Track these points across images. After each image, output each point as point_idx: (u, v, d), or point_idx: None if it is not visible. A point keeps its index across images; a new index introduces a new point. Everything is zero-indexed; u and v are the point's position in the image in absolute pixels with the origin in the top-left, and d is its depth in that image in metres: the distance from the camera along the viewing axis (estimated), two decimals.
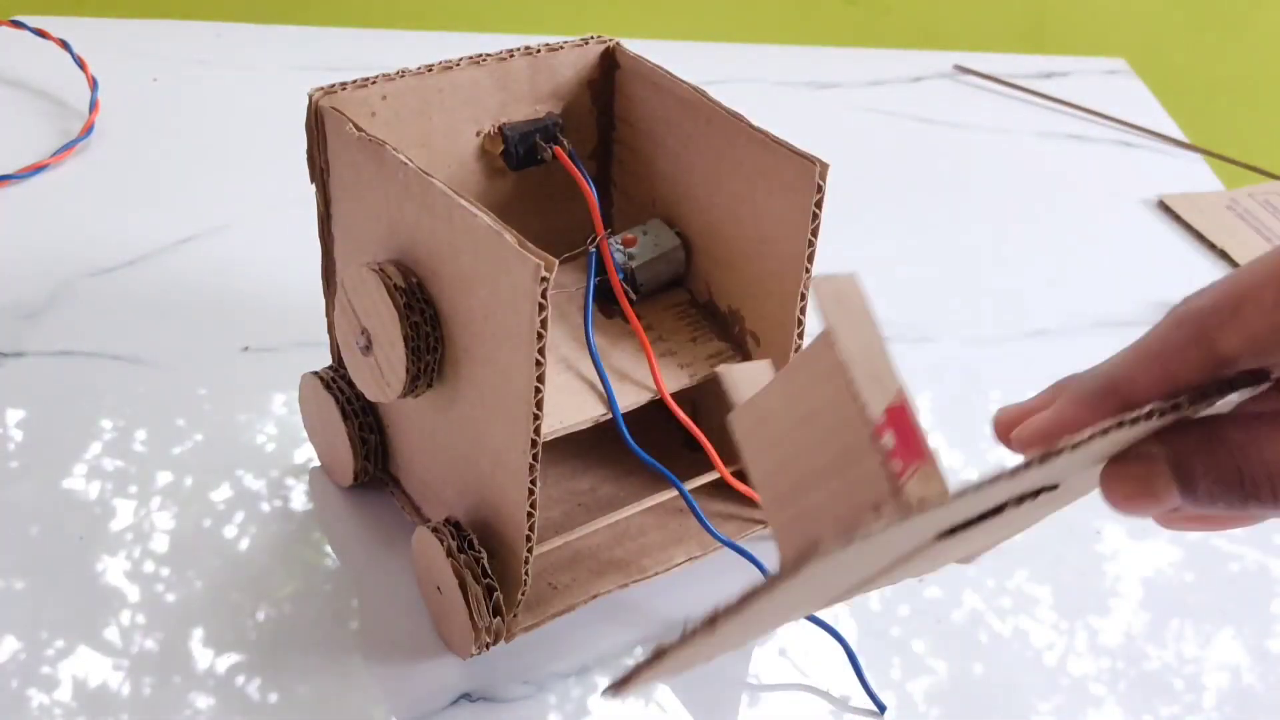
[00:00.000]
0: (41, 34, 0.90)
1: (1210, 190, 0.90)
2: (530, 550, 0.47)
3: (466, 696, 0.50)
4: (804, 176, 0.47)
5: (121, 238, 0.75)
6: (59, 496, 0.58)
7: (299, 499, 0.58)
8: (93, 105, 0.86)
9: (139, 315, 0.70)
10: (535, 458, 0.45)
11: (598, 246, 0.53)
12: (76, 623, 0.52)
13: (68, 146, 0.83)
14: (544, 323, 0.42)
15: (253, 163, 0.84)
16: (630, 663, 0.52)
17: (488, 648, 0.49)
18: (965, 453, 0.64)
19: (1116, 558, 0.59)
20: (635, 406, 0.51)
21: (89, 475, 0.59)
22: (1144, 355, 0.32)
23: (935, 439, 0.50)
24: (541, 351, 0.42)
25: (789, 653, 0.53)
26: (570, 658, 0.52)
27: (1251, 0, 1.27)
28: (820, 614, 0.53)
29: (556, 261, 0.41)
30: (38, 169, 0.81)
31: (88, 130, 0.84)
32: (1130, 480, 0.31)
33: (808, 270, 0.49)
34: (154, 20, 1.02)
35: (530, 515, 0.46)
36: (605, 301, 0.54)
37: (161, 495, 0.58)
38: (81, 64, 0.89)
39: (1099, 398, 0.33)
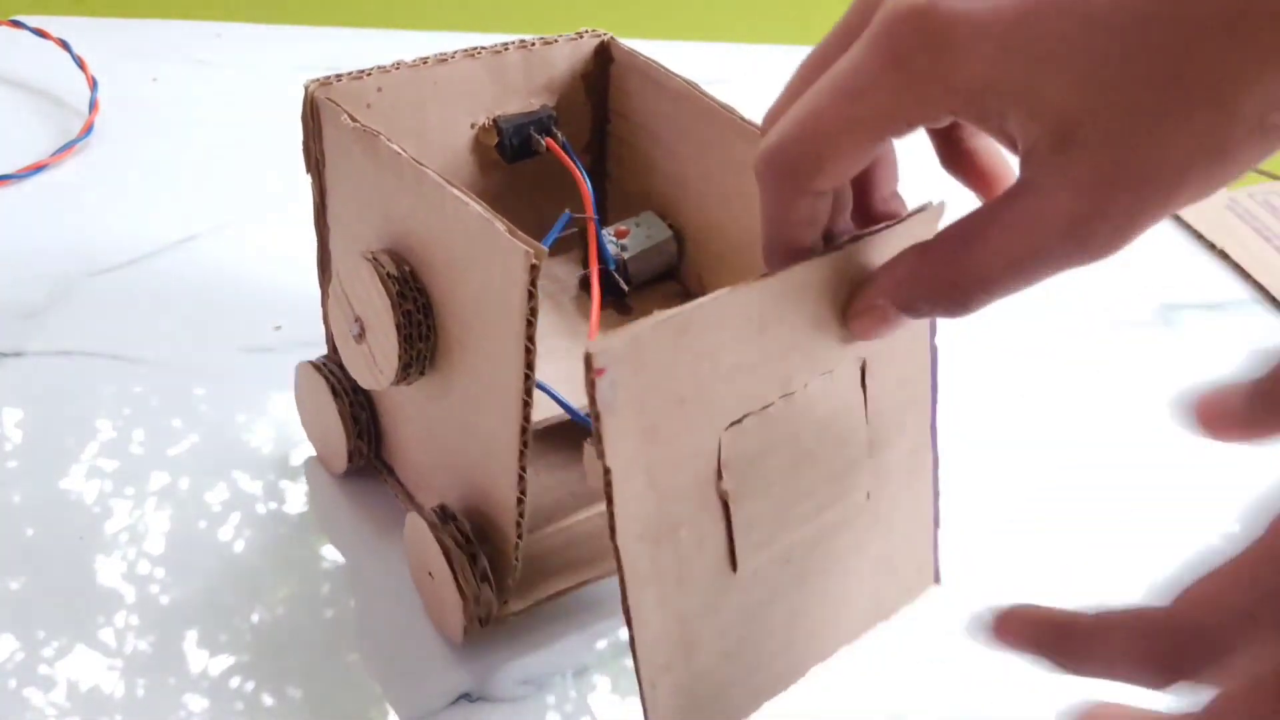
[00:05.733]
0: (41, 34, 0.90)
1: None
2: (520, 536, 0.47)
3: (466, 696, 0.50)
4: None
5: (121, 238, 0.75)
6: (56, 497, 0.58)
7: (295, 500, 0.58)
8: (92, 105, 0.86)
9: (139, 315, 0.70)
10: (525, 444, 0.45)
11: (583, 225, 0.52)
12: (72, 623, 0.52)
13: (67, 146, 0.83)
14: (533, 310, 0.42)
15: (253, 163, 0.84)
16: (630, 663, 0.52)
17: (480, 624, 0.49)
18: (969, 448, 0.64)
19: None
20: None
21: (87, 476, 0.59)
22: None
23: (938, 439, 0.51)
24: (531, 339, 0.42)
25: None
26: (570, 658, 0.52)
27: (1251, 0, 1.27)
28: None
29: (546, 250, 0.41)
30: (37, 169, 0.81)
31: (87, 130, 0.85)
32: (867, 322, 0.40)
33: None
34: (154, 20, 1.02)
35: (520, 501, 0.46)
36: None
37: (158, 496, 0.58)
38: (81, 64, 0.89)
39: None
